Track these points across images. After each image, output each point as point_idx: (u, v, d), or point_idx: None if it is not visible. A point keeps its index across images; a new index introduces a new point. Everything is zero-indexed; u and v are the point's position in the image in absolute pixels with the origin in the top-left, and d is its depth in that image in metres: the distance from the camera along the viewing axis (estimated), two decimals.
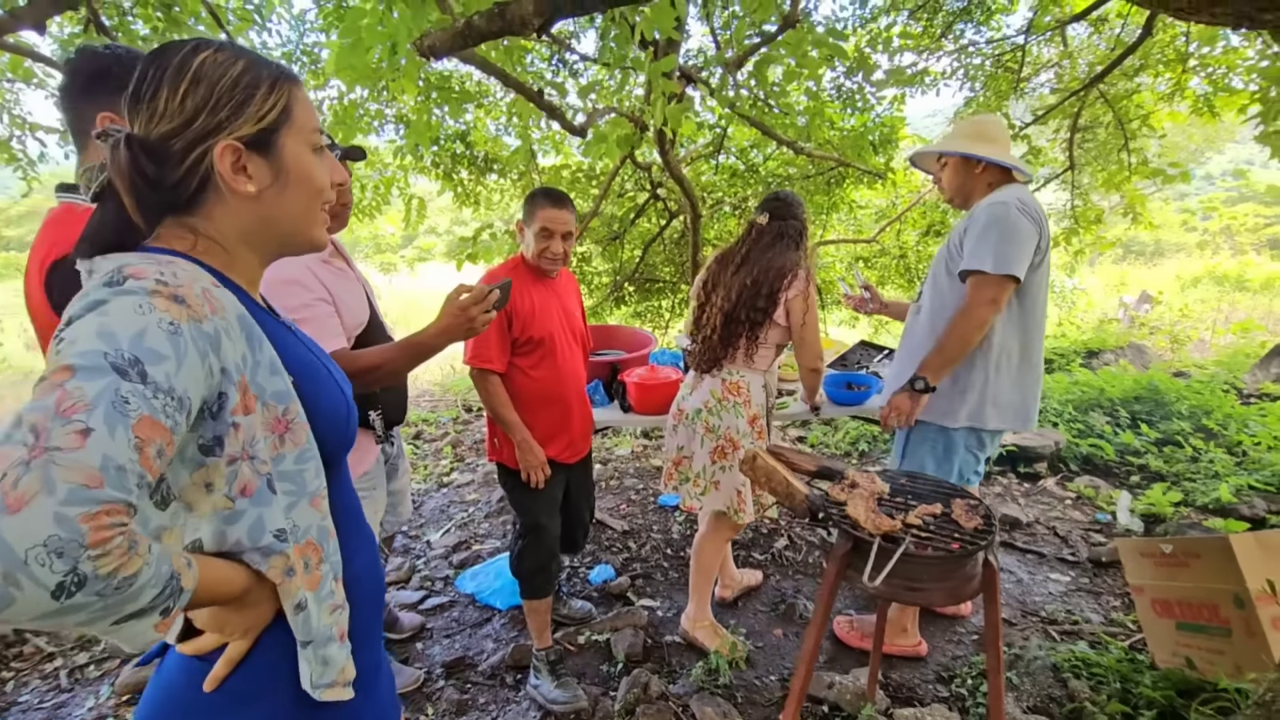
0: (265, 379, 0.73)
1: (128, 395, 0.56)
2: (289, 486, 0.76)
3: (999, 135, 2.05)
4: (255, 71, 0.74)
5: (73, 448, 0.52)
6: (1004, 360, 1.98)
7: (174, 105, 0.70)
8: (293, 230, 0.81)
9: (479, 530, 3.32)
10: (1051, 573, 2.83)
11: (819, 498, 1.54)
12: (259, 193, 0.75)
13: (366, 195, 5.56)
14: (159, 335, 0.60)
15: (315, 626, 0.77)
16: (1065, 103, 5.73)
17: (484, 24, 1.67)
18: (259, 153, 0.75)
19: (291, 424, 0.76)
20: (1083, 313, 8.56)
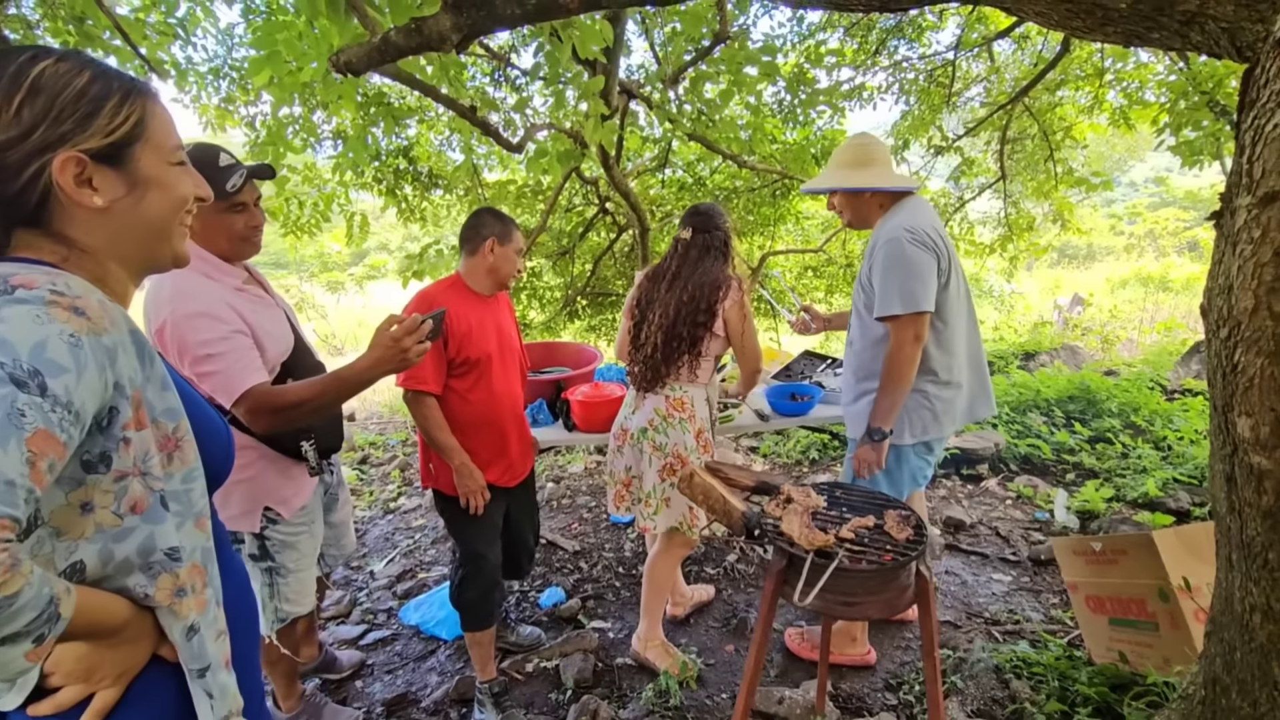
0: (156, 395, 0.72)
1: (24, 408, 0.56)
2: (177, 506, 0.74)
3: (878, 156, 2.05)
4: (104, 84, 0.71)
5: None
6: (939, 373, 2.02)
7: (8, 116, 0.66)
8: (152, 243, 0.78)
9: (425, 557, 3.22)
10: (994, 573, 2.89)
11: (755, 515, 1.53)
12: (109, 206, 0.72)
13: (305, 212, 5.39)
14: (60, 347, 0.60)
15: (209, 650, 0.76)
16: (994, 116, 5.98)
17: (401, 39, 1.63)
18: (110, 166, 0.72)
19: (181, 442, 0.75)
20: (1021, 316, 8.89)
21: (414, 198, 5.59)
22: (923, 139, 6.64)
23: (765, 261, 6.78)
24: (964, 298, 2.06)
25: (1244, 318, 0.78)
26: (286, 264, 15.06)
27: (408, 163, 5.33)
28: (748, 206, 6.23)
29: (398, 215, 5.60)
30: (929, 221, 1.94)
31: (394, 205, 5.46)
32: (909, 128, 6.57)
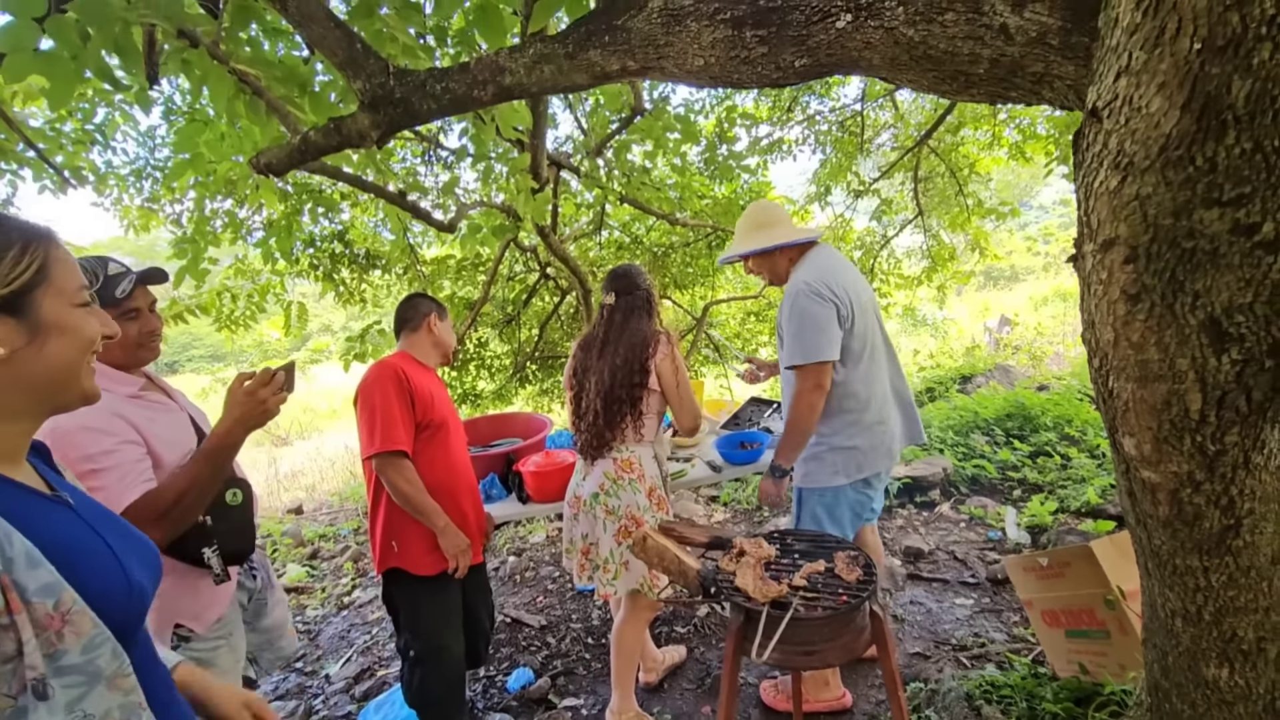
0: (24, 574, 0.66)
1: None
2: (74, 680, 0.69)
3: (777, 216, 2.23)
4: (2, 235, 0.72)
5: None
6: (862, 414, 2.11)
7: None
8: (59, 386, 0.77)
9: (384, 653, 3.07)
10: (956, 598, 2.94)
11: (710, 572, 1.53)
12: (10, 355, 0.72)
13: (239, 306, 5.28)
14: None
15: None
16: (904, 158, 6.40)
17: (321, 139, 1.67)
18: (10, 315, 0.72)
19: (68, 615, 0.69)
20: (955, 340, 9.30)
21: (352, 280, 5.55)
22: (842, 184, 7.04)
23: (708, 311, 6.95)
24: (877, 337, 2.17)
25: (1109, 349, 0.85)
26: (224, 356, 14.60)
27: (343, 246, 5.32)
28: (685, 260, 6.43)
29: (336, 298, 5.54)
30: (829, 271, 2.06)
31: (331, 290, 5.41)
32: (828, 174, 6.97)
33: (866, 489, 2.19)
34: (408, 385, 1.92)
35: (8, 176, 3.83)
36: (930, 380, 6.57)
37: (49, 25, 1.63)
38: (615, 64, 1.52)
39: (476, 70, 1.59)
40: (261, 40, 2.52)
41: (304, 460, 8.78)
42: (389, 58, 1.82)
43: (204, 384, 11.81)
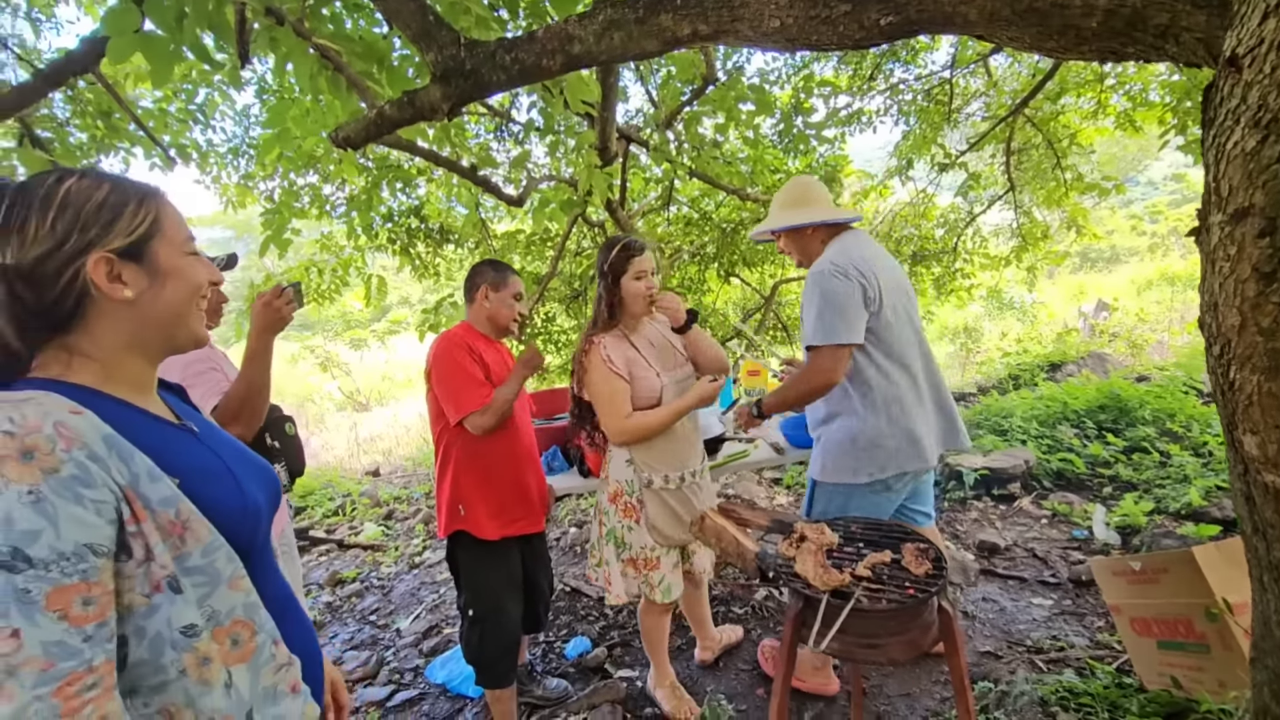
0: (147, 488, 0.75)
1: (26, 585, 0.64)
2: (199, 579, 0.79)
3: (815, 194, 2.09)
4: (121, 193, 0.81)
5: (14, 650, 0.63)
6: (889, 408, 1.95)
7: (44, 230, 0.75)
8: (175, 326, 0.86)
9: (450, 612, 3.20)
10: (1034, 597, 2.78)
11: (768, 556, 1.50)
12: (137, 296, 0.80)
13: (325, 279, 5.56)
14: (24, 512, 0.65)
15: (249, 692, 0.83)
16: (996, 129, 5.98)
17: (394, 112, 1.69)
18: (134, 261, 0.80)
19: (186, 523, 0.78)
20: (1045, 325, 8.72)
21: (427, 254, 5.73)
22: (926, 157, 6.66)
23: (778, 290, 6.78)
24: (909, 329, 2.02)
25: (1233, 335, 0.75)
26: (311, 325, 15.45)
27: (419, 221, 5.48)
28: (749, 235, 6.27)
29: (412, 272, 5.74)
30: (859, 254, 1.93)
31: (408, 264, 5.60)
32: (911, 147, 6.60)
33: (886, 492, 2.00)
34: (477, 355, 1.98)
35: (121, 154, 4.13)
36: (1015, 367, 6.20)
37: (147, 7, 1.72)
38: (686, 28, 1.46)
39: (545, 39, 1.56)
40: (345, 17, 2.59)
41: (382, 426, 9.23)
42: (462, 30, 1.82)
43: (294, 350, 12.58)
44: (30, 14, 3.80)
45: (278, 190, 5.29)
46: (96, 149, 3.92)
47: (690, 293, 6.46)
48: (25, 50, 4.02)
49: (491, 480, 1.99)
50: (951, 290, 7.39)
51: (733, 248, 6.07)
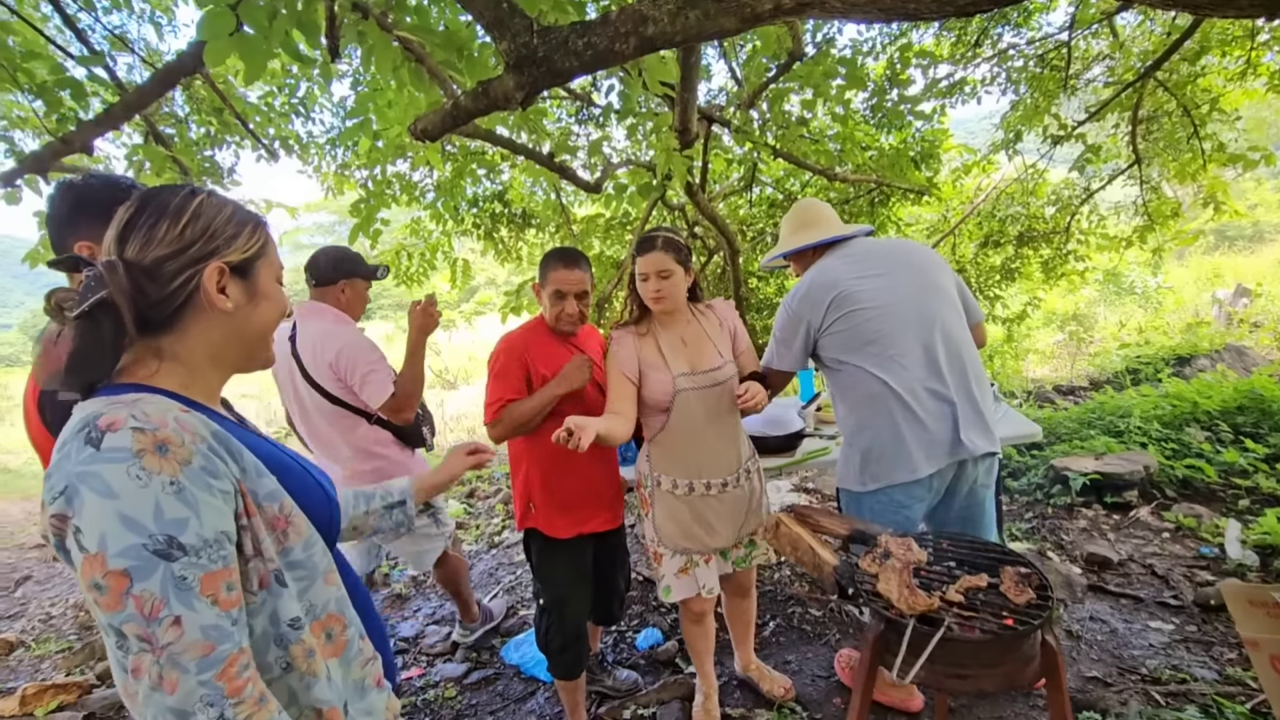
0: (255, 482, 0.80)
1: (183, 572, 0.69)
2: (301, 573, 0.85)
3: (815, 216, 2.08)
4: (243, 213, 0.88)
5: (178, 638, 0.68)
6: (871, 418, 1.84)
7: (173, 234, 0.81)
8: (256, 345, 0.91)
9: (525, 594, 3.26)
10: (1151, 620, 2.52)
11: (848, 569, 1.40)
12: (235, 310, 0.85)
13: (414, 263, 5.77)
14: (171, 502, 0.70)
15: (343, 685, 0.88)
16: (1121, 95, 5.38)
17: (470, 103, 1.68)
18: (239, 277, 0.86)
19: (290, 518, 0.84)
20: (1171, 313, 7.89)
21: (509, 239, 5.82)
22: (1038, 128, 6.09)
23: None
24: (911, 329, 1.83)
25: None
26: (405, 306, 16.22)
27: (502, 206, 5.57)
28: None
29: (495, 256, 5.85)
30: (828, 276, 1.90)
31: (492, 248, 5.71)
32: (1020, 118, 6.06)
33: (893, 505, 1.83)
34: (525, 361, 1.92)
35: (232, 147, 4.42)
36: (1134, 360, 5.63)
37: (241, 10, 1.78)
38: (768, 4, 1.35)
39: (618, 22, 1.50)
40: (430, 8, 2.62)
41: (468, 404, 9.59)
42: (539, 15, 1.78)
43: (389, 330, 13.25)
44: (153, 17, 4.09)
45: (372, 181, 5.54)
46: (210, 143, 4.21)
47: (774, 276, 6.26)
48: (150, 53, 4.36)
49: (562, 479, 1.96)
50: (1062, 274, 6.78)
51: None
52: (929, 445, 1.78)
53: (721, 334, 1.99)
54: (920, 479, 1.79)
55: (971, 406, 1.84)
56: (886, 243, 2.06)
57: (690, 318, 1.99)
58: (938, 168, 5.84)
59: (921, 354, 1.83)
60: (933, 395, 1.81)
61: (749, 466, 2.02)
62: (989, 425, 1.86)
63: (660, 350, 1.91)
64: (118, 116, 2.51)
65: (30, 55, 2.67)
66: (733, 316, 2.04)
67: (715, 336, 1.97)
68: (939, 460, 1.79)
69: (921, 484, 1.80)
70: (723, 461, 1.96)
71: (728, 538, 2.00)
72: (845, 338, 1.86)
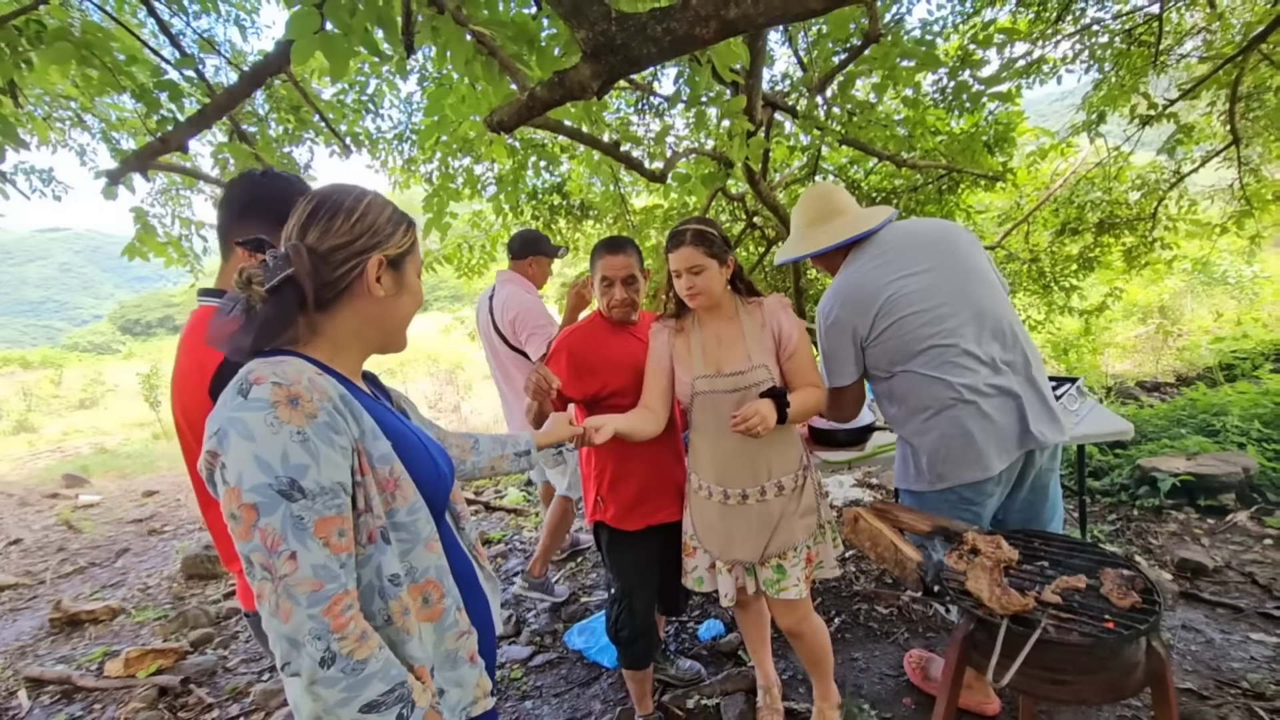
0: (371, 444, 0.88)
1: (300, 513, 0.77)
2: (404, 535, 0.91)
3: (833, 206, 1.94)
4: (399, 214, 0.99)
5: (292, 571, 0.76)
6: (929, 416, 1.74)
7: (347, 226, 0.92)
8: (396, 331, 1.02)
9: (587, 581, 3.31)
10: (1252, 631, 2.35)
11: (933, 567, 1.36)
12: (385, 298, 0.96)
13: (475, 254, 5.89)
14: (296, 449, 0.78)
15: (434, 652, 0.93)
16: (1220, 71, 5.01)
17: (545, 94, 1.69)
18: (394, 270, 0.97)
19: (399, 481, 0.91)
20: (1268, 305, 7.33)
21: (568, 230, 5.87)
22: (1123, 109, 5.72)
23: None
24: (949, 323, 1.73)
25: None
26: (462, 297, 16.62)
27: (561, 197, 5.62)
28: (909, 206, 5.78)
29: None
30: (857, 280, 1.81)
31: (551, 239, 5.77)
32: (1104, 98, 5.71)
33: (965, 504, 1.74)
34: (573, 352, 1.94)
35: (307, 143, 4.60)
36: (1229, 354, 5.26)
37: (326, 8, 1.84)
38: None
39: (699, 6, 1.48)
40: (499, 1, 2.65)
41: None
42: (611, 2, 1.78)
43: (446, 321, 13.59)
44: (237, 19, 4.29)
45: (436, 173, 5.68)
46: (288, 140, 4.39)
47: None
48: (235, 54, 4.57)
49: (629, 472, 1.96)
50: (1146, 263, 6.37)
51: None
52: (999, 441, 1.70)
53: (762, 334, 1.80)
54: (991, 476, 1.71)
55: (1037, 396, 1.75)
56: (918, 230, 1.90)
57: (734, 314, 1.85)
58: (1012, 152, 5.56)
59: (980, 351, 1.74)
60: (998, 390, 1.72)
61: (782, 482, 1.82)
62: (1056, 413, 1.77)
63: (690, 348, 1.85)
64: (210, 116, 2.64)
65: (131, 60, 2.84)
66: (780, 316, 1.82)
67: (752, 337, 1.80)
68: (1009, 455, 1.71)
69: (992, 480, 1.72)
70: (744, 472, 1.81)
71: (747, 553, 1.84)
72: (897, 344, 1.75)
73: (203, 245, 4.81)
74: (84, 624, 3.38)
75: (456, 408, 9.70)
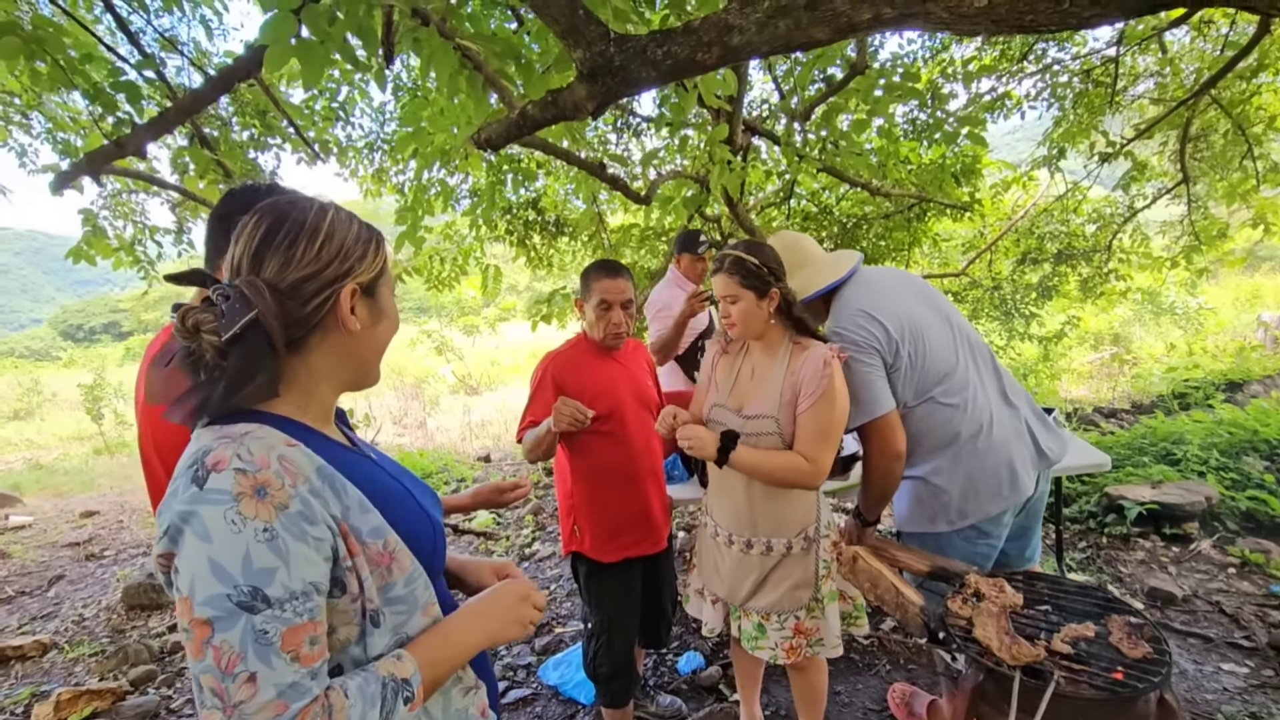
0: (359, 519, 0.77)
1: (263, 627, 0.65)
2: (400, 608, 0.81)
3: (801, 256, 1.86)
4: (366, 229, 0.84)
5: (251, 696, 0.64)
6: (946, 450, 1.71)
7: (312, 253, 0.77)
8: (371, 363, 0.88)
9: (561, 611, 3.20)
10: (1224, 662, 2.39)
11: (936, 612, 1.32)
12: (360, 331, 0.82)
13: (445, 267, 5.76)
14: (261, 551, 0.66)
15: (441, 716, 0.85)
16: (1172, 114, 5.25)
17: (537, 112, 1.64)
18: (368, 297, 0.83)
19: (394, 554, 0.80)
20: (1212, 335, 7.67)
21: (542, 246, 5.80)
22: (1082, 145, 5.96)
23: None
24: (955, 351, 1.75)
25: None
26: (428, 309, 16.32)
27: (536, 213, 5.55)
28: (880, 233, 5.88)
29: (527, 263, 5.83)
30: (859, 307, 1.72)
31: (524, 255, 5.69)
32: (1064, 135, 5.94)
33: (983, 538, 1.74)
34: (558, 381, 1.90)
35: (274, 150, 4.44)
36: (1182, 384, 5.46)
37: (304, 15, 1.75)
38: (867, 13, 1.29)
39: (702, 31, 1.44)
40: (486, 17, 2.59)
41: (491, 411, 9.57)
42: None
43: (412, 335, 13.32)
44: (203, 19, 4.13)
45: (407, 184, 5.54)
46: (254, 146, 4.23)
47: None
48: (200, 54, 4.39)
49: (608, 502, 1.91)
50: (1101, 293, 6.62)
51: (854, 242, 5.72)
52: (1023, 463, 1.73)
53: (787, 381, 1.64)
54: (1019, 500, 1.72)
55: (1035, 415, 1.82)
56: (890, 272, 1.92)
57: (777, 350, 1.69)
58: (978, 183, 5.73)
59: (987, 374, 1.79)
60: (1010, 413, 1.77)
61: (772, 544, 1.71)
62: (1053, 428, 1.84)
63: (727, 372, 1.80)
64: (171, 120, 2.50)
65: (85, 58, 2.68)
66: (808, 370, 1.60)
67: (778, 381, 1.66)
68: (1034, 474, 1.75)
69: (1009, 510, 1.73)
70: (738, 517, 1.75)
71: (723, 591, 1.81)
72: (915, 375, 1.70)
73: (157, 250, 4.59)
74: (9, 661, 3.11)
75: (422, 424, 9.44)
